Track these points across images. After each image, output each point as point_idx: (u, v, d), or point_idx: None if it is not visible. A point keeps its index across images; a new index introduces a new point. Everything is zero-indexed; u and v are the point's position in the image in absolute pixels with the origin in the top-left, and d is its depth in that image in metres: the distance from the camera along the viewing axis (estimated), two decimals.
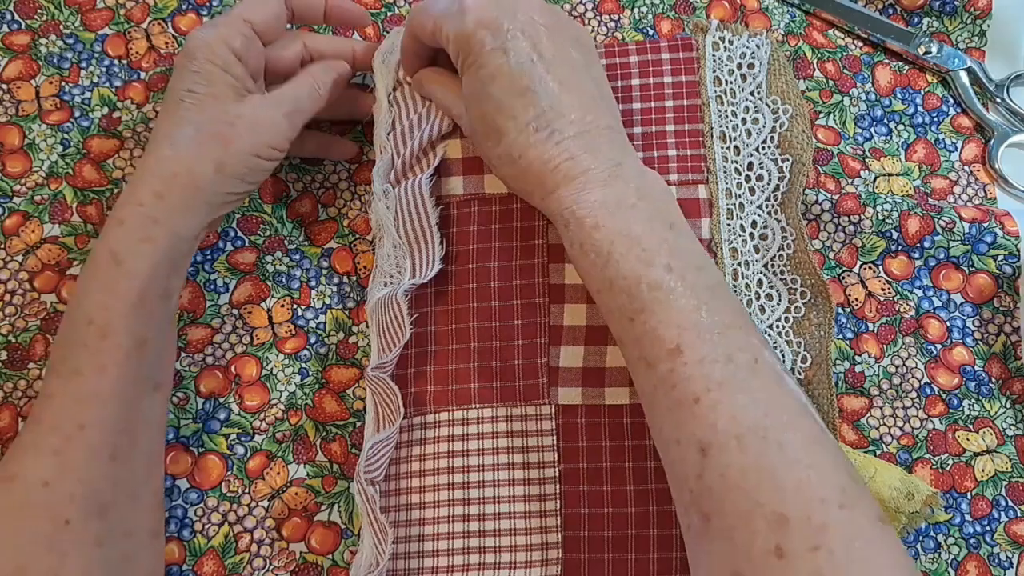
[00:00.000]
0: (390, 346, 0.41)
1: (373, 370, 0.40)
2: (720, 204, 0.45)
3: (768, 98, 0.46)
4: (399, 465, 0.42)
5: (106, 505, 0.36)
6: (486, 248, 0.44)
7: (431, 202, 0.43)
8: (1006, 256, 0.46)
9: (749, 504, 0.30)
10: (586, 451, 0.41)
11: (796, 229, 0.44)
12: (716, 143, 0.46)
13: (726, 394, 0.32)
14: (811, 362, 0.43)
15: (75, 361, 0.36)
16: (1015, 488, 0.44)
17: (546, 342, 0.43)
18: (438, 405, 0.42)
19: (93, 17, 0.50)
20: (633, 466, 0.41)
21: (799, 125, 0.45)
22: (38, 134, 0.47)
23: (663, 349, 0.33)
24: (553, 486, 0.41)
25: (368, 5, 0.51)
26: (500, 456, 0.41)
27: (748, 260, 0.44)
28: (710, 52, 0.47)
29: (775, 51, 0.47)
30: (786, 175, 0.45)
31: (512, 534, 0.41)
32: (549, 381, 0.42)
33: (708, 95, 0.46)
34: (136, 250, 0.38)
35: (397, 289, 0.41)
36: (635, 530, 0.40)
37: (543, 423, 0.42)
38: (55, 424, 0.36)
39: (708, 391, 0.32)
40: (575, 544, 0.40)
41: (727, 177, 0.45)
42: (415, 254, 0.42)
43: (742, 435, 0.31)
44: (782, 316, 0.44)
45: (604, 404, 0.42)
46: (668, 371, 0.33)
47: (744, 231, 0.45)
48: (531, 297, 0.43)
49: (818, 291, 0.43)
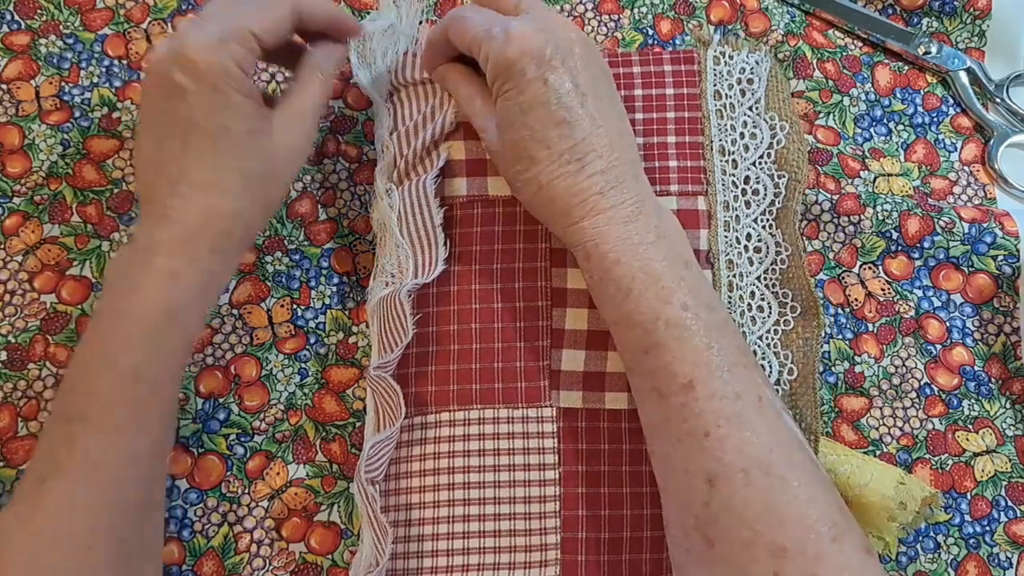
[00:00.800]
0: (392, 346, 0.41)
1: (375, 369, 0.40)
2: (718, 216, 0.45)
3: (766, 114, 0.46)
4: (399, 465, 0.42)
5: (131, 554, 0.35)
6: (489, 250, 0.44)
7: (435, 203, 0.43)
8: (1006, 256, 0.46)
9: (751, 534, 0.32)
10: (585, 454, 0.42)
11: (793, 245, 0.44)
12: (715, 156, 0.46)
13: (734, 429, 0.34)
14: (797, 375, 0.43)
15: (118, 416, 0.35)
16: (1015, 488, 0.44)
17: (548, 345, 0.43)
18: (439, 405, 0.42)
19: (93, 17, 0.50)
20: (629, 469, 0.41)
21: (795, 143, 0.46)
22: (38, 134, 0.47)
23: (677, 384, 0.35)
24: (553, 488, 0.41)
25: (368, 5, 0.51)
26: (501, 457, 0.41)
27: (743, 272, 0.45)
28: (711, 66, 0.48)
29: (774, 68, 0.48)
30: (782, 191, 0.45)
31: (512, 535, 0.41)
32: (550, 384, 0.42)
33: (708, 108, 0.47)
34: (192, 305, 0.36)
35: (400, 289, 0.41)
36: (630, 532, 0.41)
37: (544, 425, 0.42)
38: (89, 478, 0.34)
39: (718, 426, 0.34)
40: (573, 545, 0.40)
41: (725, 190, 0.45)
42: (418, 254, 0.42)
43: (748, 469, 0.33)
44: (771, 328, 0.44)
45: (604, 408, 0.42)
46: (680, 405, 0.35)
47: (739, 243, 0.45)
48: (534, 300, 0.43)
49: (808, 306, 0.44)
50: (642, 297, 0.36)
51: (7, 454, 0.42)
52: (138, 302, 0.35)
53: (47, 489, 0.34)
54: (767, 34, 0.51)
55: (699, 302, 0.36)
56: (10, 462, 0.42)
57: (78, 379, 0.35)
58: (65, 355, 0.44)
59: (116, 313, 0.35)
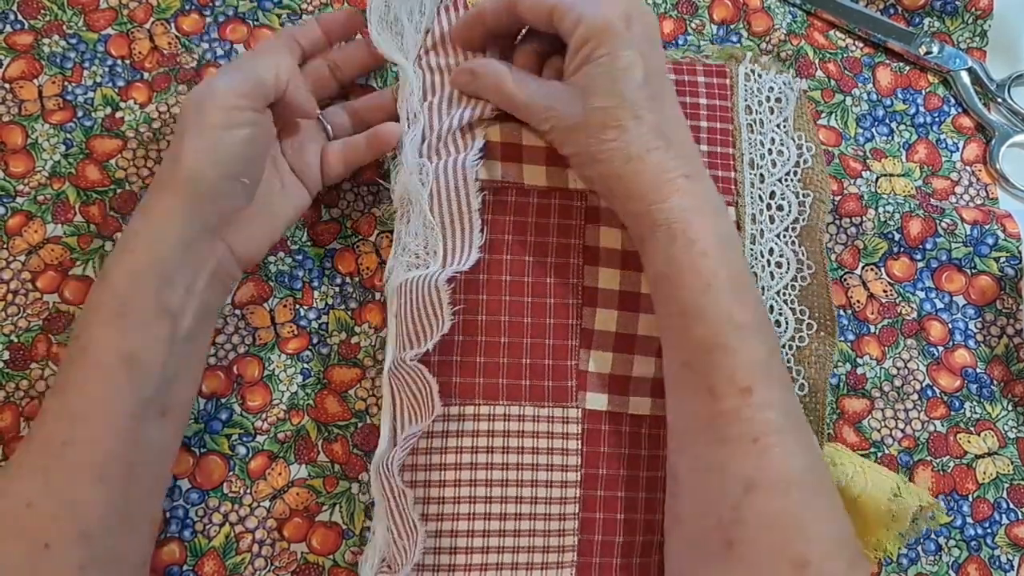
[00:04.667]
0: (421, 335, 0.39)
1: (408, 360, 0.38)
2: (746, 228, 0.45)
3: (794, 133, 0.46)
4: (418, 456, 0.40)
5: (90, 531, 0.34)
6: (521, 241, 0.43)
7: (475, 186, 0.41)
8: (1008, 258, 0.46)
9: (779, 544, 0.33)
10: (606, 457, 0.41)
11: (817, 264, 0.44)
12: (745, 168, 0.46)
13: (782, 442, 0.34)
14: (807, 391, 0.43)
15: (63, 376, 0.36)
16: (1016, 491, 0.44)
17: (577, 344, 0.42)
18: (464, 397, 0.41)
19: (96, 17, 0.50)
20: (647, 475, 0.41)
21: (819, 166, 0.46)
22: (41, 134, 0.47)
23: (735, 387, 0.35)
24: (574, 490, 0.41)
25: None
26: (524, 455, 0.41)
27: (764, 285, 0.44)
28: (742, 82, 0.47)
29: (799, 92, 0.48)
30: (807, 209, 0.45)
31: (531, 535, 0.40)
32: (578, 385, 0.42)
33: (740, 121, 0.47)
34: (115, 260, 0.37)
35: (436, 275, 0.39)
36: (642, 536, 0.41)
37: (569, 426, 0.41)
38: (43, 441, 0.35)
39: (767, 435, 0.34)
40: (588, 548, 0.40)
41: (752, 203, 0.45)
42: (449, 238, 0.41)
43: (789, 483, 0.34)
44: (786, 344, 0.44)
45: (627, 413, 0.42)
46: (733, 408, 0.35)
47: (763, 257, 0.45)
48: (565, 298, 0.42)
49: (825, 325, 0.44)
50: (722, 294, 0.36)
51: (9, 454, 0.42)
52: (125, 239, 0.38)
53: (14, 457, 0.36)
54: (769, 33, 0.51)
55: (764, 313, 0.37)
56: None
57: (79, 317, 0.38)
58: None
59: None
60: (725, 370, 0.35)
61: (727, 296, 0.36)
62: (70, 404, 0.35)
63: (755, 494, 0.33)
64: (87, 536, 0.34)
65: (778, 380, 0.36)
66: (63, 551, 0.33)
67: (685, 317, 0.36)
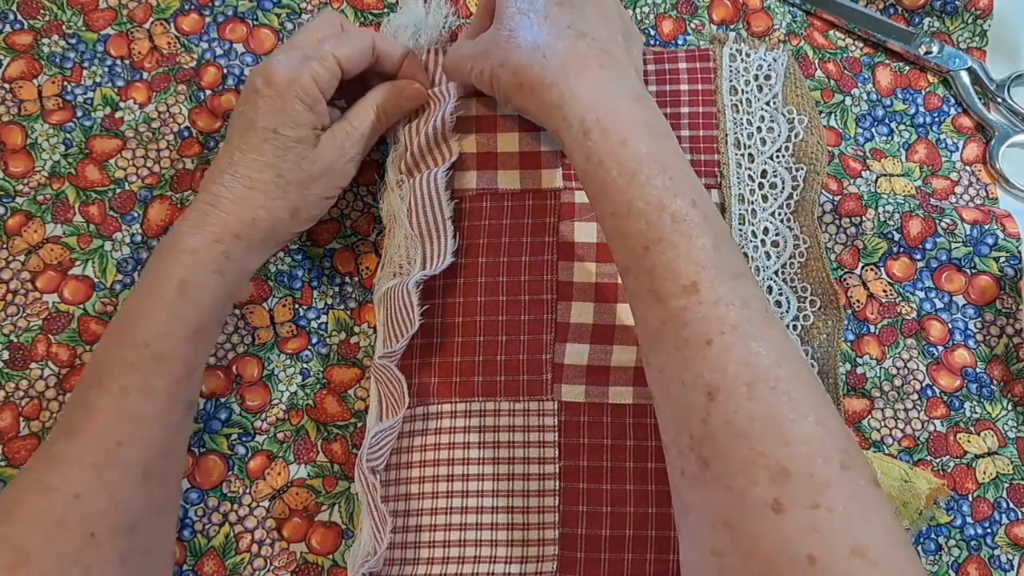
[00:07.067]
0: (398, 336, 0.41)
1: (380, 359, 0.41)
2: (732, 209, 0.45)
3: (784, 108, 0.46)
4: (400, 455, 0.42)
5: (134, 523, 0.35)
6: (496, 243, 0.44)
7: (446, 195, 0.43)
8: (1008, 258, 0.46)
9: (752, 454, 0.29)
10: (587, 449, 0.42)
11: (811, 237, 0.44)
12: (730, 149, 0.46)
13: (739, 339, 0.31)
14: (818, 370, 0.43)
15: (125, 380, 0.36)
16: (1016, 490, 0.44)
17: (552, 338, 0.43)
18: (441, 396, 0.42)
19: (96, 17, 0.50)
20: (634, 466, 0.41)
21: (814, 136, 0.46)
22: (40, 134, 0.47)
23: (678, 284, 0.32)
24: (552, 482, 0.41)
25: (370, 5, 0.51)
26: (501, 450, 0.42)
27: (759, 266, 0.44)
28: (727, 63, 0.48)
29: (791, 63, 0.48)
30: (800, 183, 0.45)
31: (509, 528, 0.41)
32: (553, 377, 0.42)
33: (724, 103, 0.47)
34: (206, 282, 0.38)
35: (408, 280, 0.41)
36: (633, 530, 0.40)
37: (545, 419, 0.42)
38: (96, 438, 0.35)
39: (722, 334, 0.31)
40: (572, 541, 0.40)
41: (740, 183, 0.45)
42: (426, 246, 0.42)
43: (752, 382, 0.30)
44: (791, 323, 0.44)
45: (608, 403, 0.42)
46: (681, 308, 0.32)
47: (756, 237, 0.45)
48: (539, 293, 0.43)
49: (829, 300, 0.44)
50: (649, 184, 0.33)
51: (9, 454, 0.42)
52: (158, 272, 0.38)
53: (58, 449, 0.35)
54: (769, 33, 0.51)
55: (708, 203, 0.34)
56: (12, 462, 0.42)
57: (102, 348, 0.38)
58: (67, 355, 0.44)
59: (141, 286, 0.38)
60: (665, 267, 0.32)
61: (656, 185, 0.33)
62: (133, 407, 0.36)
63: (718, 401, 0.30)
64: (131, 528, 0.35)
65: (729, 271, 0.32)
66: (108, 542, 0.34)
67: (616, 217, 0.34)
